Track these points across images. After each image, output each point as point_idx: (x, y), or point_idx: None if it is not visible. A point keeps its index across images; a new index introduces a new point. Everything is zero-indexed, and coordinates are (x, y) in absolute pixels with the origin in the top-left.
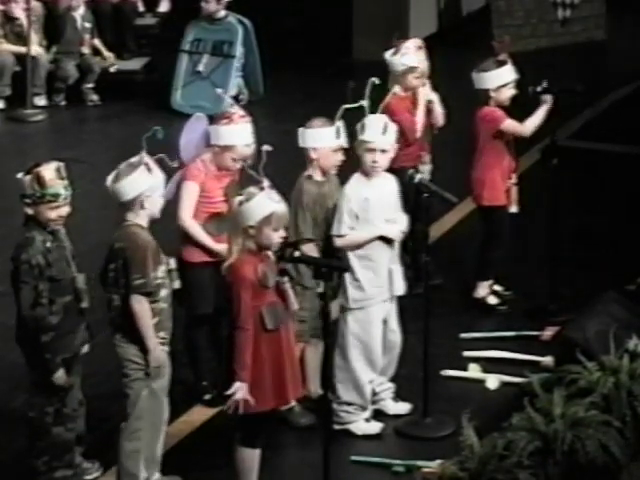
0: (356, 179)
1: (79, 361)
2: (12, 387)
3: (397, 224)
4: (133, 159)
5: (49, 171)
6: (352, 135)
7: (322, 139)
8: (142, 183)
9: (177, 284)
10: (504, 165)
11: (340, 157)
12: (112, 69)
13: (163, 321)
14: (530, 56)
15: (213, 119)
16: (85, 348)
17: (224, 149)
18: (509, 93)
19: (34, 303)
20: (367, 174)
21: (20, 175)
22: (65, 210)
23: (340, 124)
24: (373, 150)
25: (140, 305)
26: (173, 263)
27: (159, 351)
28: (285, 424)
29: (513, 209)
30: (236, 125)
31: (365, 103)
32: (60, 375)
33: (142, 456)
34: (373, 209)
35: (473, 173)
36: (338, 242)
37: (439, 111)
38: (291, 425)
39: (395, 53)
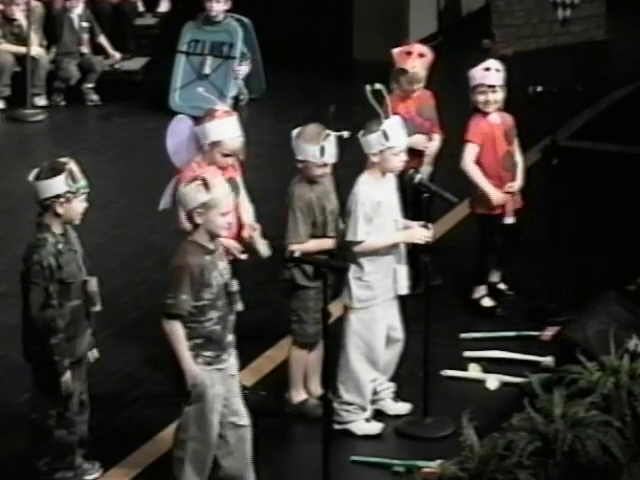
0: (365, 182)
1: (83, 366)
2: (13, 387)
3: (413, 228)
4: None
5: (74, 165)
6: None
7: (306, 153)
8: (194, 199)
9: (240, 307)
10: (499, 174)
11: (325, 171)
12: (117, 65)
13: (212, 342)
14: (530, 56)
15: (198, 120)
16: (95, 353)
17: (212, 146)
18: (482, 97)
19: (44, 305)
20: (383, 174)
21: (32, 178)
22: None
23: (326, 143)
24: (399, 152)
25: (169, 326)
26: (235, 285)
27: (194, 371)
28: (288, 423)
29: (508, 220)
30: (220, 120)
31: (376, 107)
32: (67, 378)
33: (189, 465)
34: (385, 211)
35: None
36: (357, 248)
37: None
38: (307, 417)
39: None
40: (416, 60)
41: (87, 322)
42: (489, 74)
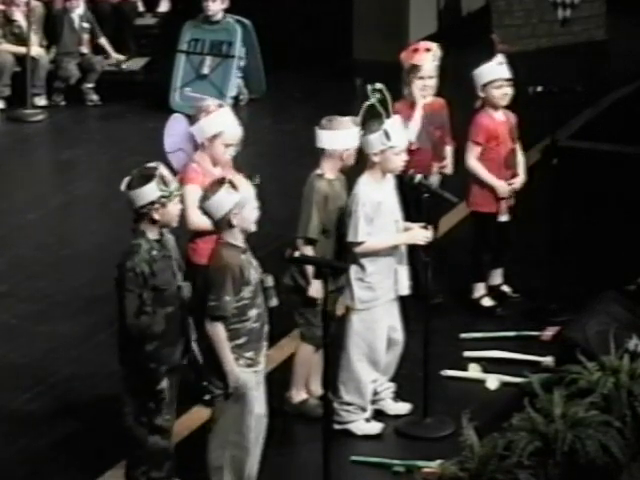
0: (366, 182)
1: (177, 374)
2: (13, 387)
3: (414, 230)
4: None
5: (163, 169)
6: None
7: (347, 141)
8: (228, 201)
9: (274, 302)
10: (499, 172)
11: (355, 158)
12: (124, 65)
13: (252, 341)
14: (530, 56)
15: (192, 119)
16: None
17: (213, 139)
18: (500, 92)
19: (138, 311)
20: (384, 174)
21: (123, 188)
22: None
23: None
24: (400, 152)
25: (213, 328)
26: (270, 281)
27: (236, 374)
28: (288, 423)
29: (503, 218)
30: (216, 113)
31: (380, 110)
32: (164, 386)
33: (228, 473)
34: (385, 212)
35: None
36: (358, 249)
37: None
38: (308, 417)
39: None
40: (424, 54)
41: (182, 329)
42: (504, 68)
